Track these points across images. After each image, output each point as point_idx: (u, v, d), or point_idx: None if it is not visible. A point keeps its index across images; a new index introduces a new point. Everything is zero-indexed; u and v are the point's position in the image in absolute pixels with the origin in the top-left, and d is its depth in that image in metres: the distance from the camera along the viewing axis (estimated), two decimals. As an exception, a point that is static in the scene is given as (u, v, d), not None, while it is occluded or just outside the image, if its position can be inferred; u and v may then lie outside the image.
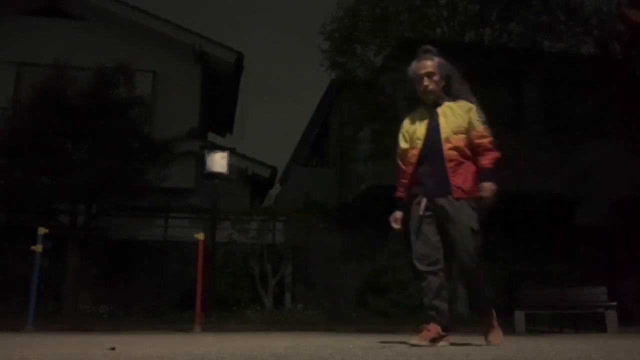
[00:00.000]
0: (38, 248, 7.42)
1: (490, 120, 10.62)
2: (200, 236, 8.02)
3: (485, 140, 3.36)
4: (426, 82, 3.45)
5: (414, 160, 3.45)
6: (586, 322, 9.09)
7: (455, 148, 3.33)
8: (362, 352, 2.82)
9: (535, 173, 10.73)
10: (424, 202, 3.38)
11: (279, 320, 9.36)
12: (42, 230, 7.49)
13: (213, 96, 15.31)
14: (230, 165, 10.57)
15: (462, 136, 3.36)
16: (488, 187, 3.28)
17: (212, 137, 17.89)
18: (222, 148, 10.77)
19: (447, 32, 11.20)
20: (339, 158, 14.72)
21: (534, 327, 9.14)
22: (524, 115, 13.01)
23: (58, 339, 4.63)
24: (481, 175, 3.32)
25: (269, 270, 10.52)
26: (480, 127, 3.37)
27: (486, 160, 3.32)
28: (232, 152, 11.56)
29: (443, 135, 3.35)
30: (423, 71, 3.46)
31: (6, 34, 12.80)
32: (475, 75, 10.82)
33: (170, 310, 9.83)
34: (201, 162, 10.79)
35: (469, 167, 3.35)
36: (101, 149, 9.70)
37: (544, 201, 11.94)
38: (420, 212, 3.39)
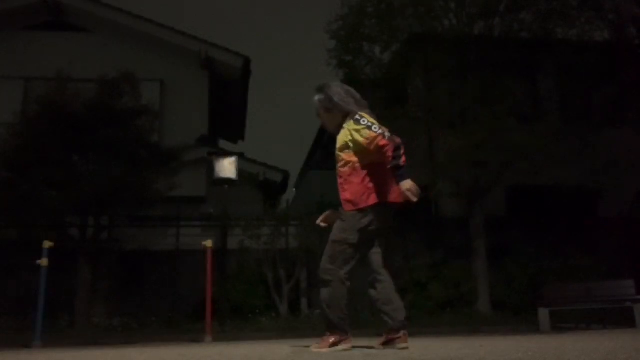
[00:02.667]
0: (44, 262, 7.30)
1: (506, 112, 10.33)
2: (208, 244, 7.84)
3: (376, 142, 3.28)
4: (322, 123, 3.74)
5: None
6: (614, 317, 8.74)
7: (344, 164, 3.44)
8: (363, 357, 2.60)
9: (554, 165, 10.41)
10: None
11: (295, 326, 9.14)
12: (47, 244, 7.37)
13: (222, 102, 15.22)
14: (240, 171, 10.43)
15: (348, 151, 3.44)
16: (404, 187, 3.25)
17: (223, 144, 17.85)
18: (230, 153, 10.63)
19: (455, 24, 10.93)
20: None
21: (560, 324, 8.82)
22: (540, 106, 12.67)
23: (61, 356, 4.47)
24: (396, 179, 3.32)
25: (282, 276, 10.32)
26: (366, 134, 3.32)
27: (387, 161, 3.30)
28: (242, 157, 11.44)
29: (337, 153, 3.51)
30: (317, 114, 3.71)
31: (13, 50, 12.85)
32: (487, 67, 10.65)
33: (185, 321, 9.69)
34: (211, 169, 10.67)
35: (358, 180, 3.39)
36: (108, 160, 9.63)
37: (565, 194, 11.60)
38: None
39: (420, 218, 11.88)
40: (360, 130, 3.34)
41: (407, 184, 3.24)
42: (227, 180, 10.03)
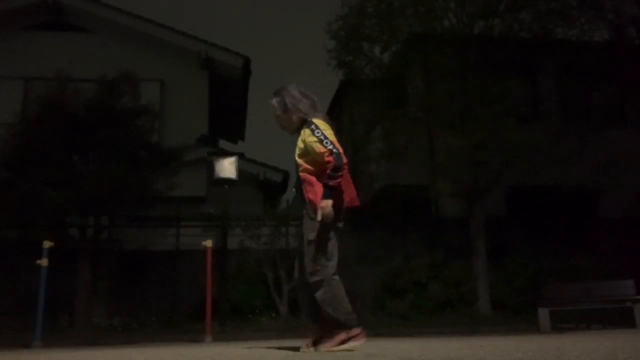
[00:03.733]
0: (44, 262, 7.30)
1: (506, 112, 10.35)
2: (208, 244, 7.84)
3: (323, 157, 3.41)
4: (278, 124, 3.79)
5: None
6: (614, 317, 8.74)
7: (304, 170, 3.53)
8: (364, 357, 2.60)
9: (554, 165, 10.41)
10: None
11: (295, 326, 9.13)
12: (47, 244, 7.37)
13: (222, 102, 15.21)
14: (240, 171, 10.43)
15: (306, 158, 3.53)
16: (322, 204, 3.36)
17: (223, 144, 17.83)
18: (230, 153, 10.62)
19: (455, 24, 10.93)
20: (352, 159, 14.48)
21: (560, 324, 8.82)
22: (540, 106, 12.68)
23: (61, 356, 4.47)
24: (325, 192, 3.40)
25: (282, 276, 10.31)
26: (316, 147, 3.44)
27: (323, 179, 3.41)
28: (242, 157, 11.43)
29: (295, 159, 3.59)
30: (273, 115, 3.76)
31: (13, 50, 12.86)
32: (487, 67, 10.65)
33: (185, 321, 9.69)
34: (211, 169, 10.66)
35: (315, 181, 3.48)
36: (108, 160, 9.62)
37: (565, 194, 11.60)
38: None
39: (420, 218, 11.88)
40: (312, 142, 3.46)
41: (324, 203, 3.35)
42: (227, 180, 10.02)
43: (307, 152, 3.50)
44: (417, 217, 11.47)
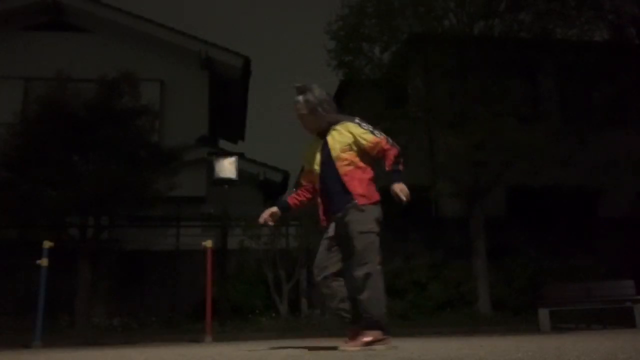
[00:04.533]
0: (44, 262, 7.30)
1: (506, 112, 10.33)
2: (208, 244, 7.84)
3: (380, 146, 3.56)
4: (302, 123, 3.73)
5: (318, 184, 3.68)
6: (614, 317, 8.74)
7: (348, 164, 3.54)
8: (364, 357, 2.60)
9: (554, 165, 10.41)
10: (332, 225, 3.59)
11: (295, 326, 9.14)
12: (47, 244, 7.37)
13: (222, 102, 15.22)
14: (240, 171, 10.42)
15: (351, 152, 3.56)
16: (397, 188, 3.44)
17: (223, 144, 17.82)
18: (230, 153, 10.61)
19: (455, 24, 10.93)
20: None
21: (560, 324, 8.82)
22: (540, 106, 12.67)
23: (61, 356, 4.47)
24: (389, 178, 3.51)
25: (282, 276, 10.31)
26: (369, 138, 3.56)
27: (388, 163, 3.54)
28: (242, 157, 11.42)
29: (334, 154, 3.57)
30: (297, 114, 3.70)
31: (13, 50, 12.85)
32: (487, 67, 10.64)
33: (185, 321, 9.69)
34: (211, 169, 10.66)
35: (363, 176, 3.55)
36: (108, 160, 9.62)
37: (565, 194, 11.59)
38: (330, 233, 3.58)
39: (420, 218, 11.86)
40: (363, 134, 3.54)
41: (401, 185, 3.45)
42: (227, 180, 10.01)
43: (356, 146, 3.55)
44: (417, 217, 11.45)
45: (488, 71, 10.60)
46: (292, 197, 3.89)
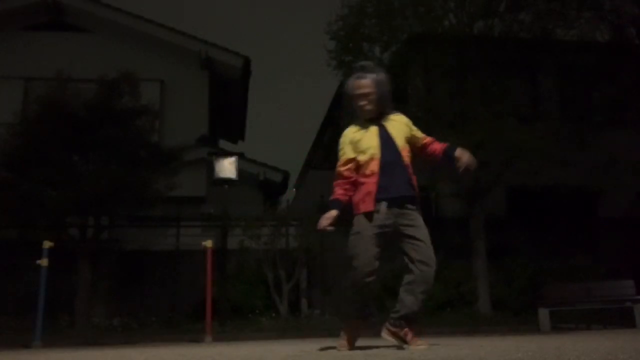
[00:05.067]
0: (44, 262, 7.30)
1: (506, 112, 10.31)
2: (208, 244, 7.84)
3: (426, 140, 3.69)
4: (362, 102, 3.48)
5: (376, 169, 3.41)
6: (614, 317, 8.74)
7: (408, 155, 3.51)
8: (364, 357, 2.60)
9: (554, 165, 10.41)
10: (383, 206, 3.37)
11: (295, 326, 9.14)
12: (47, 244, 7.37)
13: (222, 102, 15.22)
14: (240, 171, 10.42)
15: (407, 145, 3.55)
16: (463, 152, 3.59)
17: (223, 144, 17.83)
18: (230, 153, 10.62)
19: (455, 24, 10.92)
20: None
21: (560, 324, 8.82)
22: (540, 106, 12.67)
23: (61, 356, 4.47)
24: (449, 149, 3.63)
25: (282, 276, 10.32)
26: (421, 134, 3.68)
27: (437, 146, 3.67)
28: (242, 157, 11.42)
29: (399, 144, 3.48)
30: (359, 91, 3.47)
31: (13, 50, 12.85)
32: (487, 67, 10.64)
33: (185, 321, 9.69)
34: (211, 169, 10.66)
35: (412, 171, 3.52)
36: (108, 160, 9.62)
37: (565, 194, 11.59)
38: (380, 221, 3.37)
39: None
40: (415, 128, 3.64)
41: (462, 150, 3.66)
42: (227, 180, 10.02)
43: (410, 139, 3.57)
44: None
45: (488, 71, 10.59)
46: (342, 194, 3.48)
